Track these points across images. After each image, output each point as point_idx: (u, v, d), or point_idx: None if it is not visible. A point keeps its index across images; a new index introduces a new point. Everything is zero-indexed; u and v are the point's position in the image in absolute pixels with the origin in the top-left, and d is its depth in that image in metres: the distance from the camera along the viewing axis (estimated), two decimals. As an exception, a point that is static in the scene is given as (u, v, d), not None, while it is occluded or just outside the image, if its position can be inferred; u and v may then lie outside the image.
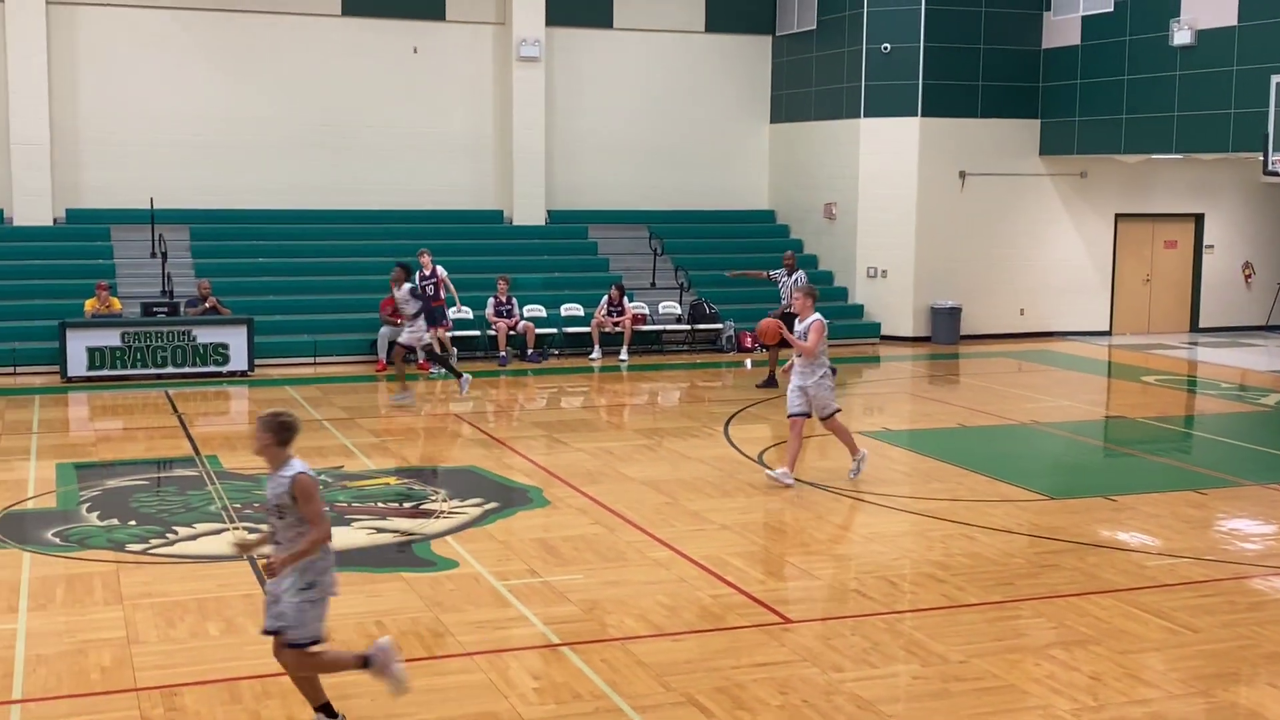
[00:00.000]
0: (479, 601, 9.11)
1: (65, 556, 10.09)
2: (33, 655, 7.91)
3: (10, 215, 22.64)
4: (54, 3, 22.59)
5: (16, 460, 13.74)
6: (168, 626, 8.47)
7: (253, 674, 7.64)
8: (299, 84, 24.21)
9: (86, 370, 19.22)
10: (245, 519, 11.26)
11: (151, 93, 23.40)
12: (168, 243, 22.31)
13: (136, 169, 23.27)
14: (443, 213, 25.06)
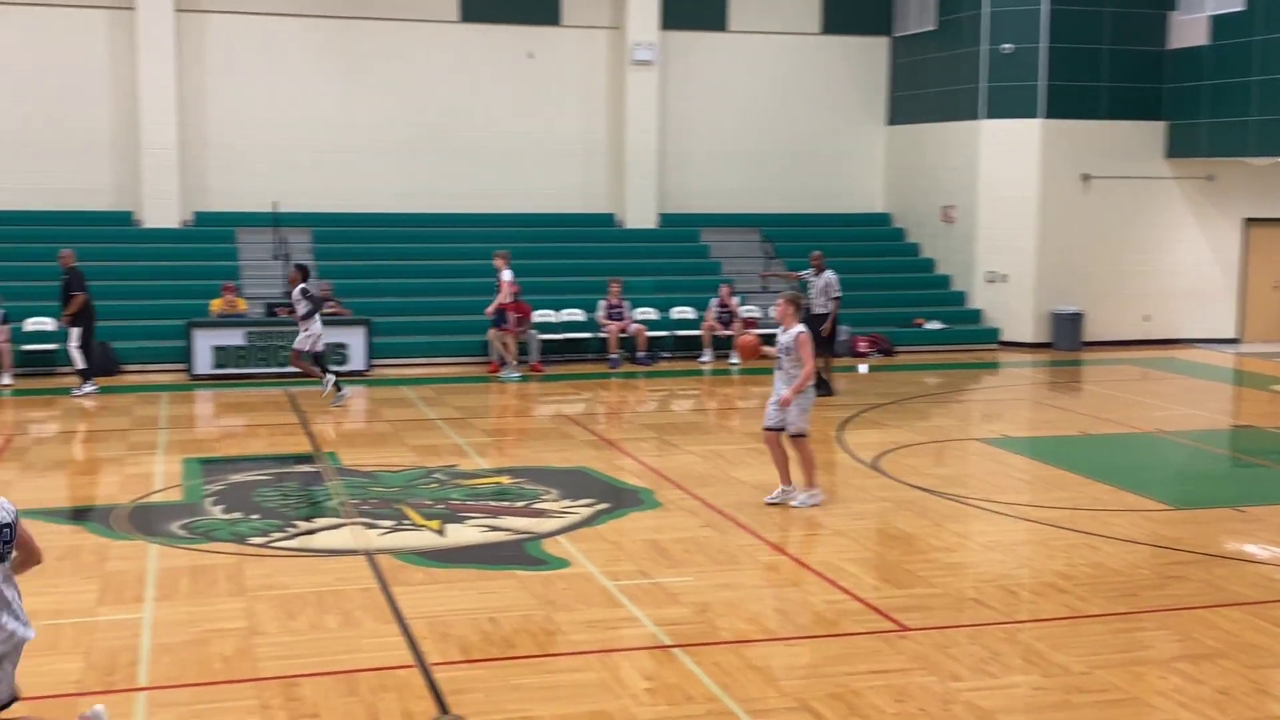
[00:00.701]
0: (590, 601, 9.12)
1: (190, 549, 10.34)
2: (158, 644, 8.11)
3: (140, 218, 23.31)
4: (183, 10, 23.20)
5: (144, 455, 14.12)
6: (288, 618, 8.62)
7: (370, 666, 7.74)
8: (417, 89, 24.56)
9: (212, 368, 19.71)
10: (363, 514, 11.42)
11: (275, 98, 23.92)
12: (290, 245, 22.78)
13: (261, 173, 23.81)
14: (555, 216, 25.23)
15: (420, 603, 8.99)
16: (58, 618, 8.54)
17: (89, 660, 7.77)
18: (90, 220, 23.09)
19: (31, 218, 22.71)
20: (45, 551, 9.95)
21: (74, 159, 23.15)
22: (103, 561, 9.91)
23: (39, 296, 20.55)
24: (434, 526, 11.12)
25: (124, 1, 22.90)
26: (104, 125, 23.27)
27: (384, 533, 10.88)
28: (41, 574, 9.48)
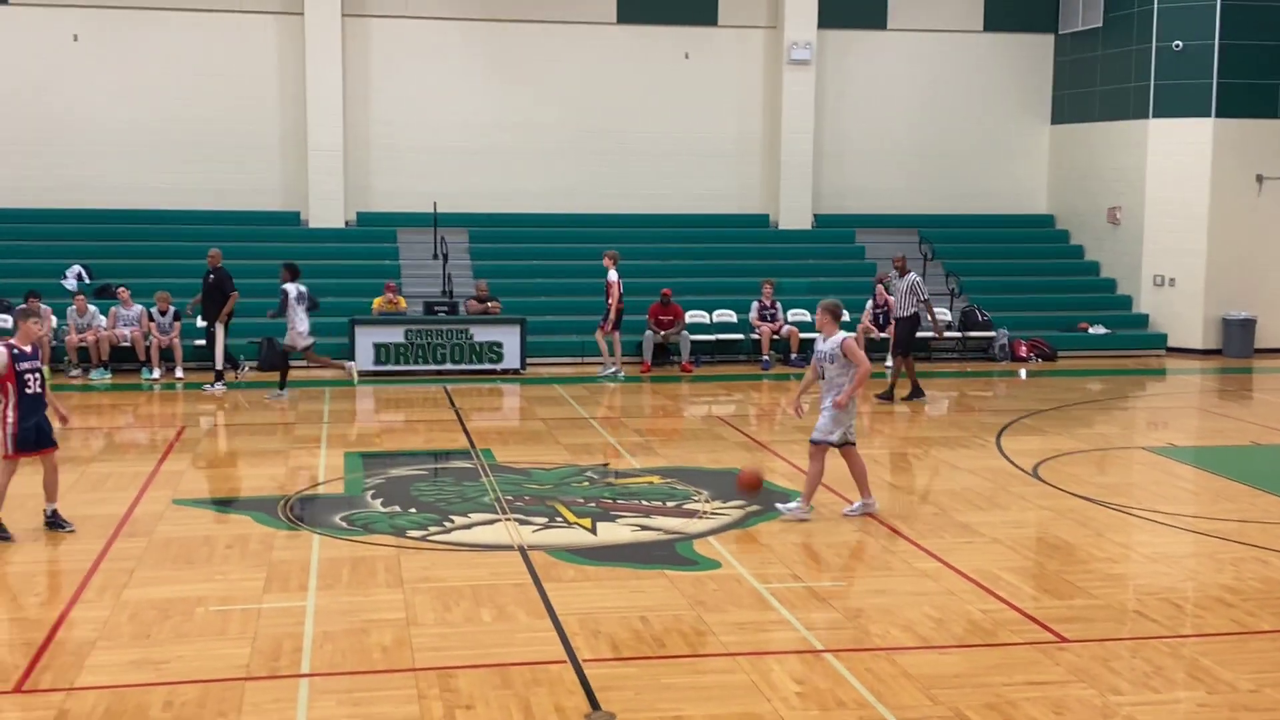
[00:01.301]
0: (741, 603, 9.09)
1: (351, 540, 10.60)
2: (320, 632, 8.33)
3: (307, 217, 24.04)
4: (349, 15, 23.85)
5: (308, 448, 14.54)
6: (444, 610, 8.78)
7: (523, 660, 7.83)
8: (572, 91, 24.82)
9: (373, 365, 20.21)
10: (516, 510, 11.57)
11: (435, 101, 24.43)
12: (449, 245, 23.23)
13: (421, 174, 24.34)
14: (709, 216, 25.23)
15: (572, 599, 9.07)
16: (227, 604, 8.84)
17: (255, 646, 8.02)
18: (259, 220, 23.89)
19: (203, 217, 23.59)
20: (216, 541, 10.40)
21: (244, 161, 23.97)
22: (269, 551, 10.22)
23: (211, 293, 21.34)
24: (586, 524, 11.21)
25: (293, 7, 23.63)
26: (273, 128, 24.05)
27: (537, 529, 11.01)
28: (210, 561, 9.88)
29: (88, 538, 10.52)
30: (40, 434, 10.56)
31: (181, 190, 23.72)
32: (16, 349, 10.41)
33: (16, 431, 10.38)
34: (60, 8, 23.29)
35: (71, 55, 23.41)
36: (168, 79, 23.62)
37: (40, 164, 23.41)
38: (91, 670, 7.60)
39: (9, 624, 8.41)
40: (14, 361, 10.35)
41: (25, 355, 10.46)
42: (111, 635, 8.21)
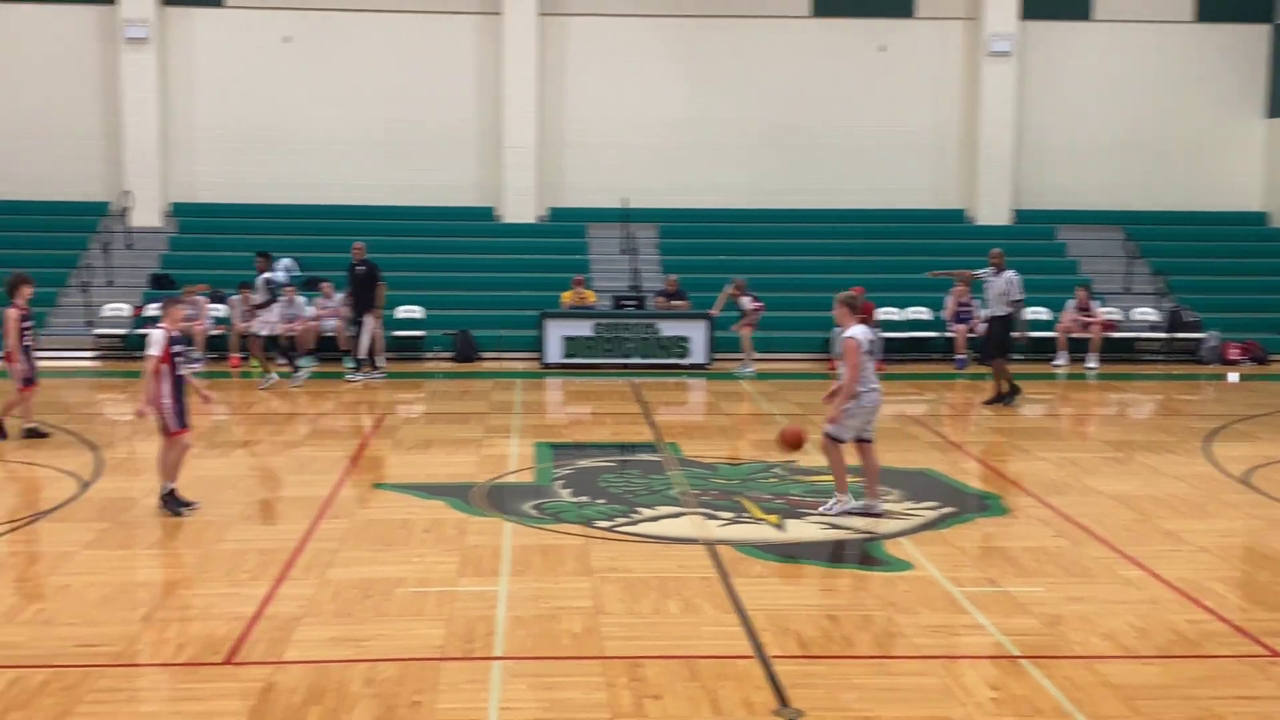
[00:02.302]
0: (933, 605, 8.90)
1: (541, 528, 10.76)
2: (512, 617, 8.47)
3: (500, 213, 24.53)
4: (546, 14, 24.23)
5: (500, 437, 14.82)
6: (632, 601, 8.83)
7: (710, 654, 7.82)
8: (764, 85, 24.73)
9: (562, 357, 20.51)
10: (703, 505, 11.58)
11: (627, 98, 24.64)
12: (638, 240, 23.39)
13: (611, 170, 24.59)
14: (902, 211, 24.85)
15: (759, 595, 9.02)
16: (423, 586, 9.07)
17: (450, 628, 8.20)
18: (454, 215, 24.49)
19: (401, 213, 24.30)
20: (413, 524, 10.68)
21: (441, 158, 24.60)
22: (463, 536, 10.45)
23: (407, 286, 21.99)
24: (773, 521, 11.14)
25: (492, 7, 24.14)
26: (470, 126, 24.61)
27: (724, 524, 10.99)
28: (408, 544, 10.15)
29: (295, 518, 10.93)
30: (184, 414, 11.14)
31: (382, 186, 24.48)
32: (172, 333, 11.04)
33: (176, 409, 11.01)
34: (272, 10, 24.28)
35: (282, 56, 24.37)
36: (371, 79, 24.40)
37: (251, 161, 24.46)
38: (297, 645, 7.88)
39: (221, 598, 8.78)
40: (169, 345, 10.97)
41: (177, 339, 11.10)
42: (316, 612, 8.50)
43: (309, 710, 6.92)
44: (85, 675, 7.36)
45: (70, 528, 10.62)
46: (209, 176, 24.66)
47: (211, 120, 24.53)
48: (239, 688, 7.22)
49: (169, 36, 24.28)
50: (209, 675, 7.41)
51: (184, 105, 24.49)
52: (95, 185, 24.46)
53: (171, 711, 6.92)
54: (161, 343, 10.93)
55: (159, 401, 11.02)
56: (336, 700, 7.05)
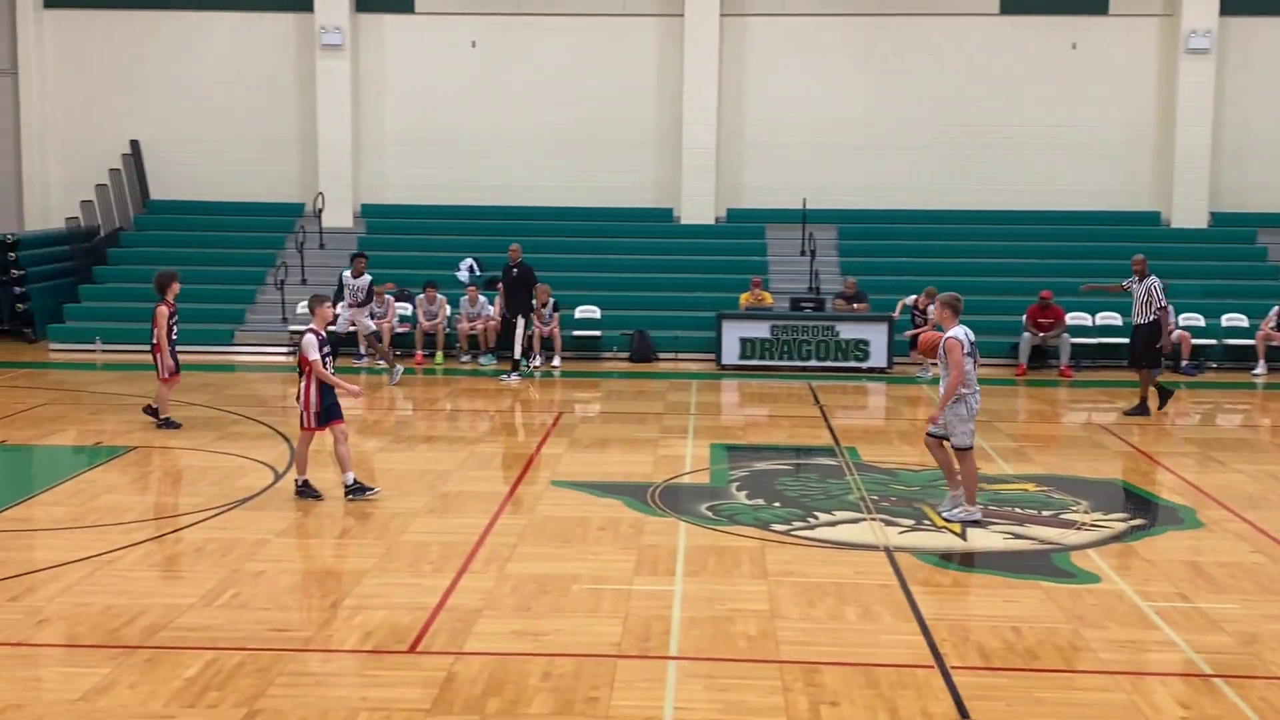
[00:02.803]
0: (1122, 620, 8.60)
1: (716, 530, 10.75)
2: (687, 617, 8.48)
3: (679, 214, 24.62)
4: (728, 15, 24.24)
5: (675, 438, 14.87)
6: (808, 606, 8.76)
7: (889, 662, 7.70)
8: (950, 84, 24.29)
9: (738, 359, 20.47)
10: (882, 511, 11.42)
11: (807, 98, 24.49)
12: (817, 241, 23.21)
13: (790, 171, 24.47)
14: (1092, 213, 24.12)
15: (940, 604, 8.85)
16: (599, 583, 9.16)
17: (626, 626, 8.26)
18: (633, 216, 24.67)
19: (581, 214, 24.60)
20: (590, 522, 10.79)
21: (621, 159, 24.82)
22: (639, 535, 10.51)
23: (586, 286, 22.25)
24: (955, 529, 10.92)
25: (674, 9, 24.26)
26: (650, 127, 24.78)
27: (903, 531, 10.82)
28: (585, 541, 10.26)
29: (475, 513, 11.16)
30: (333, 409, 11.47)
31: (563, 188, 24.82)
32: (321, 334, 11.45)
33: (319, 409, 11.34)
34: (460, 16, 24.85)
35: (468, 60, 24.92)
36: (554, 82, 24.77)
37: (438, 163, 25.07)
38: (477, 637, 8.04)
39: (406, 589, 9.02)
40: (320, 345, 11.36)
41: (324, 340, 11.50)
42: (495, 605, 8.66)
43: (488, 701, 7.05)
44: (277, 659, 7.63)
45: (265, 516, 11.04)
46: (396, 178, 25.36)
47: (400, 123, 25.22)
48: (421, 676, 7.40)
49: (361, 43, 25.05)
50: (393, 663, 7.62)
51: (374, 109, 25.25)
52: (291, 187, 25.39)
53: (357, 697, 7.12)
54: (316, 345, 11.35)
55: (306, 399, 11.40)
56: (515, 692, 7.17)
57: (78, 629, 8.13)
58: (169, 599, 8.70)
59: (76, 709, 6.88)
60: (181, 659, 7.59)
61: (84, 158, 25.08)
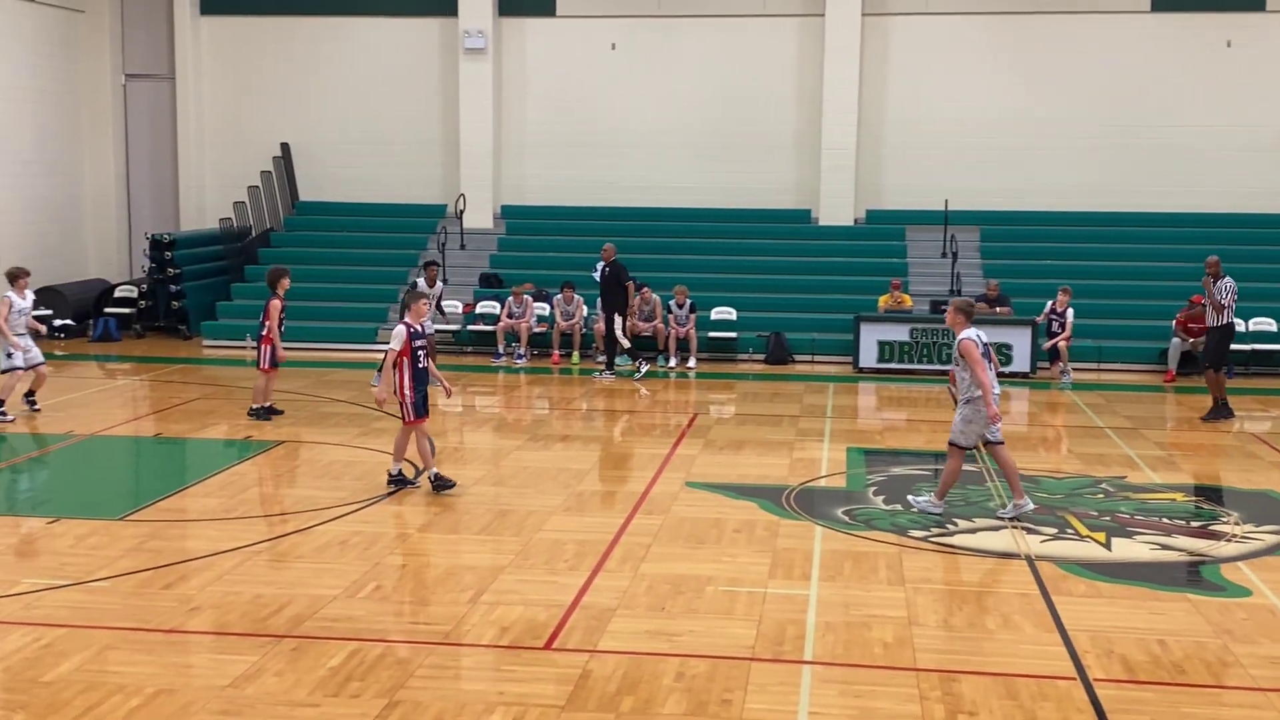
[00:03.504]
0: (1275, 635, 8.30)
1: (852, 534, 10.66)
2: (822, 622, 8.43)
3: (817, 215, 24.45)
4: (870, 14, 24.00)
5: (811, 441, 14.77)
6: (946, 614, 8.63)
7: (1029, 673, 7.55)
8: (1098, 83, 23.71)
9: (876, 362, 20.25)
10: (1023, 519, 11.18)
11: (950, 98, 24.11)
12: (959, 243, 22.84)
13: (932, 172, 24.12)
14: (1249, 216, 23.31)
15: (1083, 615, 8.64)
16: (734, 585, 9.15)
17: (760, 629, 8.24)
18: (771, 218, 24.57)
19: (718, 215, 24.58)
20: (724, 524, 10.78)
21: (760, 160, 24.74)
22: (774, 537, 10.47)
23: (722, 288, 22.25)
24: (1099, 539, 10.65)
25: (814, 9, 24.10)
26: (788, 128, 24.66)
27: (1046, 540, 10.59)
28: (719, 542, 10.26)
29: (610, 512, 11.24)
30: (424, 403, 11.78)
31: (701, 189, 24.83)
32: (413, 328, 11.72)
33: (414, 399, 11.67)
34: (601, 19, 25.04)
35: (608, 62, 25.09)
36: (693, 83, 24.80)
37: (577, 165, 25.30)
38: (612, 636, 8.10)
39: (542, 585, 9.12)
40: (410, 339, 11.62)
41: (418, 333, 11.79)
42: (630, 605, 8.71)
43: (622, 699, 7.09)
44: (416, 651, 7.79)
45: (406, 511, 11.27)
46: (536, 179, 25.64)
47: (540, 125, 25.50)
48: (556, 673, 7.47)
49: (503, 46, 25.39)
50: (529, 659, 7.71)
51: (515, 111, 25.57)
52: (434, 189, 25.86)
53: (494, 691, 7.22)
54: (403, 337, 11.68)
55: (401, 391, 11.72)
56: (649, 692, 7.20)
57: (227, 617, 8.40)
58: (314, 590, 8.94)
59: (225, 695, 7.11)
60: (326, 649, 7.79)
61: (237, 160, 25.90)
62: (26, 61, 24.12)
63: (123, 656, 7.64)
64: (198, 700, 7.02)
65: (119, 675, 7.37)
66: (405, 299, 12.21)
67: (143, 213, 26.93)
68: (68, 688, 7.17)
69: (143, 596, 8.78)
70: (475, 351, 21.60)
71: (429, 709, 6.94)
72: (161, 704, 6.97)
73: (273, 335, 15.15)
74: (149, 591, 8.89)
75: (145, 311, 23.83)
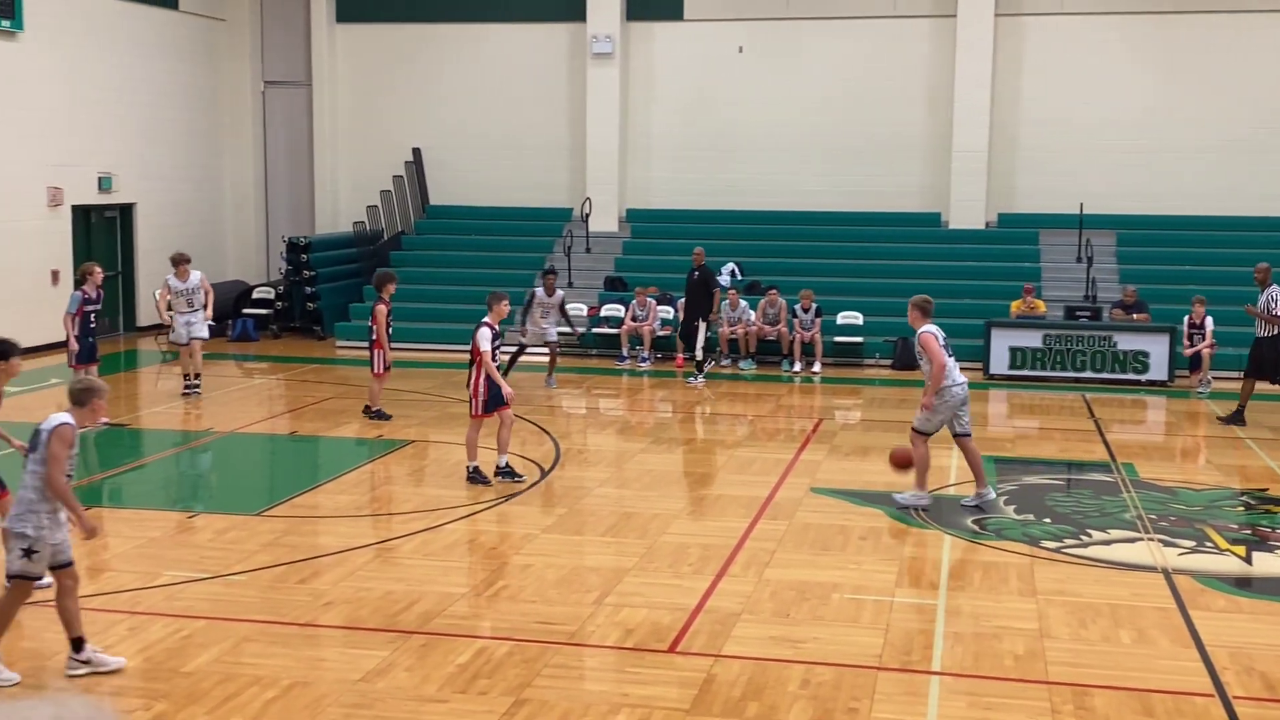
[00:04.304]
0: None
1: (982, 544, 10.48)
2: (951, 632, 8.30)
3: (947, 219, 24.09)
4: (1002, 14, 23.58)
5: (940, 448, 14.50)
6: (1079, 626, 8.43)
7: (1165, 689, 7.35)
8: (1238, 85, 22.98)
9: (1007, 369, 19.87)
10: (1160, 531, 10.89)
11: (1086, 99, 23.57)
12: (1094, 247, 22.31)
13: (1066, 174, 23.60)
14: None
15: (1222, 631, 8.38)
16: (860, 593, 9.05)
17: (887, 638, 8.14)
18: (899, 221, 24.27)
19: (845, 218, 24.35)
20: (850, 531, 10.69)
21: (889, 163, 24.45)
22: (901, 545, 10.35)
23: (848, 292, 22.05)
24: (1239, 552, 10.32)
25: (946, 9, 23.76)
26: (918, 130, 24.34)
27: (1183, 553, 10.29)
28: (845, 549, 10.17)
29: (734, 516, 11.21)
30: (499, 397, 12.18)
31: (830, 192, 24.63)
32: (494, 328, 12.25)
33: (486, 397, 12.13)
34: (729, 21, 25.00)
35: (735, 66, 25.04)
36: (820, 85, 24.62)
37: (704, 168, 25.29)
38: (736, 641, 8.07)
39: (666, 589, 9.14)
40: (492, 339, 12.18)
41: (498, 333, 12.34)
42: (754, 610, 8.67)
43: (747, 705, 7.07)
44: (542, 651, 7.86)
45: (532, 511, 11.39)
46: (661, 183, 25.69)
47: (665, 129, 25.54)
48: (680, 676, 7.47)
49: (631, 50, 25.50)
50: (653, 661, 7.72)
51: (641, 115, 25.66)
52: (560, 193, 26.07)
53: (618, 693, 7.25)
54: (489, 338, 12.17)
55: (474, 387, 12.23)
56: (774, 698, 7.16)
57: (359, 612, 8.57)
58: (443, 588, 9.08)
59: (357, 689, 7.25)
60: (454, 646, 7.90)
61: (370, 165, 26.42)
62: (172, 69, 24.92)
63: (259, 649, 7.84)
64: (330, 694, 7.18)
65: (255, 667, 7.56)
66: (489, 300, 12.66)
67: (280, 216, 27.63)
68: (206, 678, 7.39)
69: (278, 590, 9.01)
70: (599, 355, 21.72)
71: (555, 708, 6.99)
72: (296, 696, 7.14)
73: (381, 340, 15.40)
74: (284, 586, 9.12)
75: (282, 312, 24.45)
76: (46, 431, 7.32)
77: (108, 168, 23.06)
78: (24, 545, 7.26)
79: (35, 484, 7.29)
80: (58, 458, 7.25)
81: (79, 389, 7.54)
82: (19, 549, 7.27)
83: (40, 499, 7.29)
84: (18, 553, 7.27)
